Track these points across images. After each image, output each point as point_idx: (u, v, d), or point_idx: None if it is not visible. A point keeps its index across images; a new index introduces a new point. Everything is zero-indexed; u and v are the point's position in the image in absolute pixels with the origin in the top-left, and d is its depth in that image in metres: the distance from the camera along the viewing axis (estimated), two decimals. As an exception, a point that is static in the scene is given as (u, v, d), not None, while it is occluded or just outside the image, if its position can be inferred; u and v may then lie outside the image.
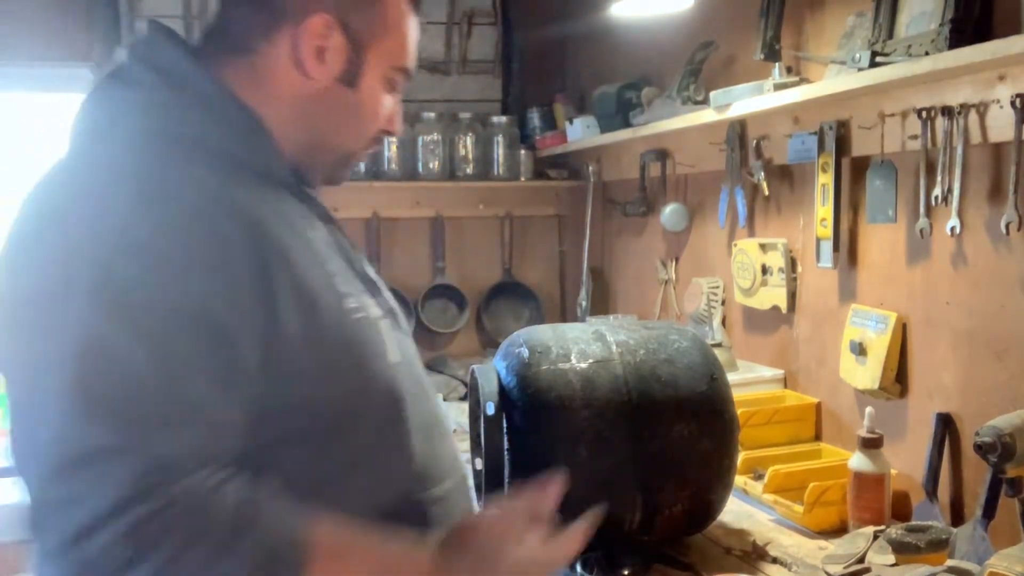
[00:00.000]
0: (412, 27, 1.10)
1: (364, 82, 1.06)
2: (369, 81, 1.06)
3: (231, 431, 0.88)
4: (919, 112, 1.77)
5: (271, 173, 1.02)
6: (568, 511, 1.59)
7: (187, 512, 0.81)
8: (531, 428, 1.61)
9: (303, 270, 0.95)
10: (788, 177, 2.31)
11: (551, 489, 1.01)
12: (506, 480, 1.62)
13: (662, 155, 2.86)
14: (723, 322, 2.60)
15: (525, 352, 1.66)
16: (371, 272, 1.14)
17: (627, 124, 2.86)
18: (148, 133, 0.96)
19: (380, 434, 1.01)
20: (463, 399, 2.77)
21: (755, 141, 2.37)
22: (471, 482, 1.51)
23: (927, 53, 1.66)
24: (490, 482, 1.62)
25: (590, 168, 3.35)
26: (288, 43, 1.02)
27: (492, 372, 1.67)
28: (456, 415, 2.55)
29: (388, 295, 1.15)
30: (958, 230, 1.72)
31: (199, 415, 0.85)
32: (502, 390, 1.65)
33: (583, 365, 1.64)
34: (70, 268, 0.85)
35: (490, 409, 1.60)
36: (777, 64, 2.15)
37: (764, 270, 2.37)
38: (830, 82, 1.94)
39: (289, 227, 0.98)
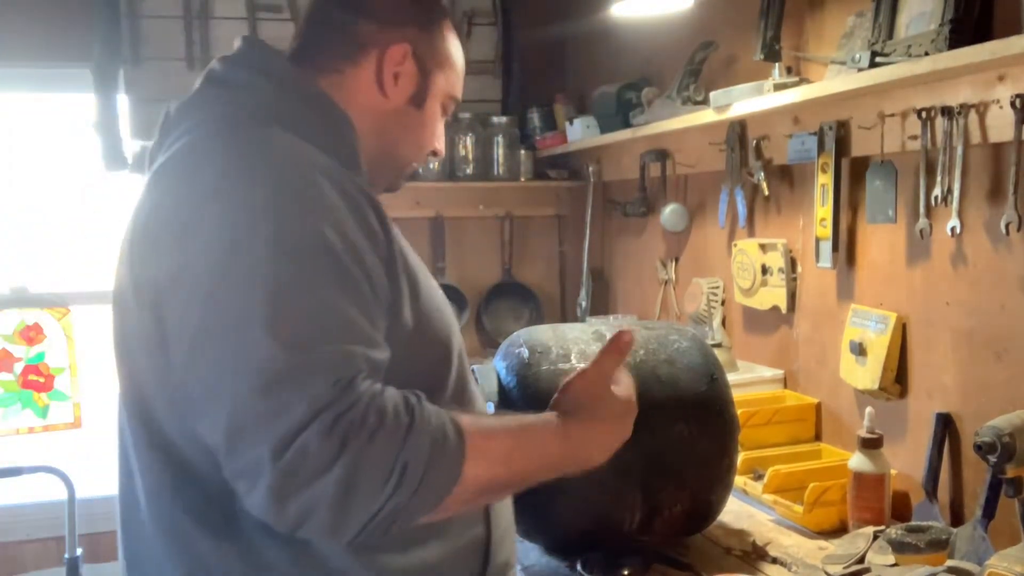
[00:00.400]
0: (461, 60, 1.29)
1: (428, 104, 1.24)
2: (432, 104, 1.25)
3: (384, 351, 1.00)
4: (919, 112, 1.77)
5: (361, 172, 1.15)
6: (567, 512, 1.61)
7: (370, 407, 0.93)
8: None
9: (408, 251, 1.11)
10: (788, 177, 2.31)
11: (623, 339, 1.17)
12: None
13: (662, 155, 2.86)
14: (723, 322, 2.60)
15: (525, 352, 1.66)
16: None
17: (627, 124, 2.86)
18: (259, 122, 1.07)
19: (460, 388, 1.17)
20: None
21: (755, 141, 2.37)
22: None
23: (927, 53, 1.66)
24: None
25: (590, 168, 3.35)
26: (372, 67, 1.20)
27: (492, 372, 1.67)
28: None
29: None
30: (958, 230, 1.72)
31: (367, 340, 0.98)
32: (502, 390, 1.65)
33: (583, 365, 1.64)
34: (245, 228, 0.96)
35: (490, 409, 1.60)
36: (777, 64, 2.15)
37: (764, 270, 2.37)
38: (830, 82, 1.94)
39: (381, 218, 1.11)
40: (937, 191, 1.74)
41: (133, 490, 1.11)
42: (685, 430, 1.63)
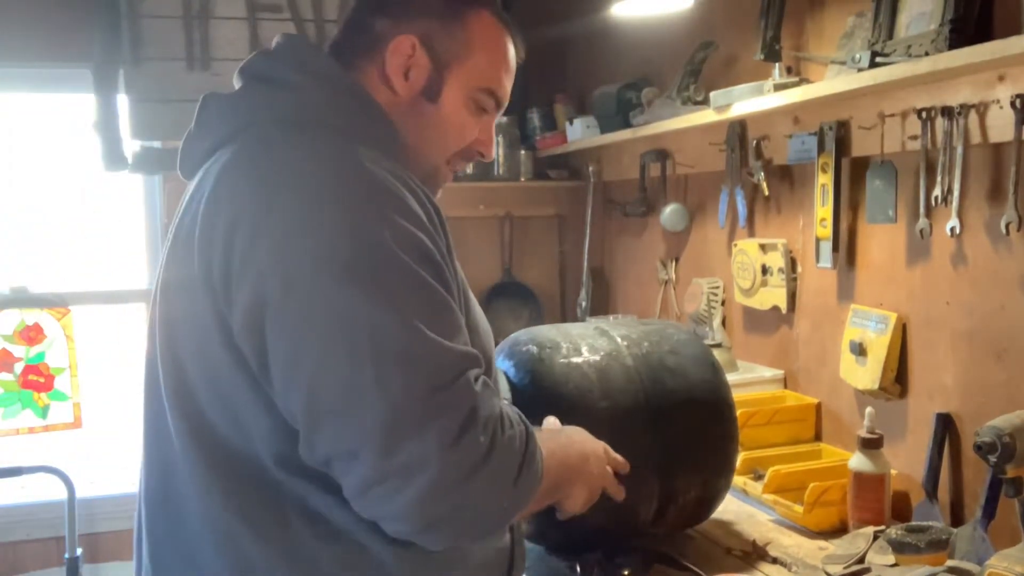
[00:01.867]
0: (502, 53, 1.21)
1: (445, 98, 1.18)
2: (450, 97, 1.18)
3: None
4: (919, 112, 1.77)
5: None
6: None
7: (502, 414, 1.01)
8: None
9: (462, 278, 1.12)
10: (788, 177, 2.31)
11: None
12: None
13: (662, 155, 2.86)
14: (723, 322, 2.60)
15: (534, 348, 1.67)
16: None
17: (627, 124, 2.85)
18: (311, 126, 1.08)
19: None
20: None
21: (755, 141, 2.37)
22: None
23: (927, 53, 1.66)
24: None
25: (590, 168, 3.35)
26: (382, 60, 1.17)
27: (498, 370, 1.67)
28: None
29: None
30: (958, 230, 1.72)
31: (470, 345, 1.04)
32: (512, 388, 1.65)
33: (596, 358, 1.66)
34: (368, 232, 0.97)
35: None
36: (777, 64, 2.15)
37: (764, 270, 2.37)
38: (830, 82, 1.94)
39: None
40: (937, 191, 1.74)
41: (168, 490, 1.09)
42: (697, 417, 1.66)
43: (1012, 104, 1.57)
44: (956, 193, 1.71)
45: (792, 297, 2.30)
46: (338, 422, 0.95)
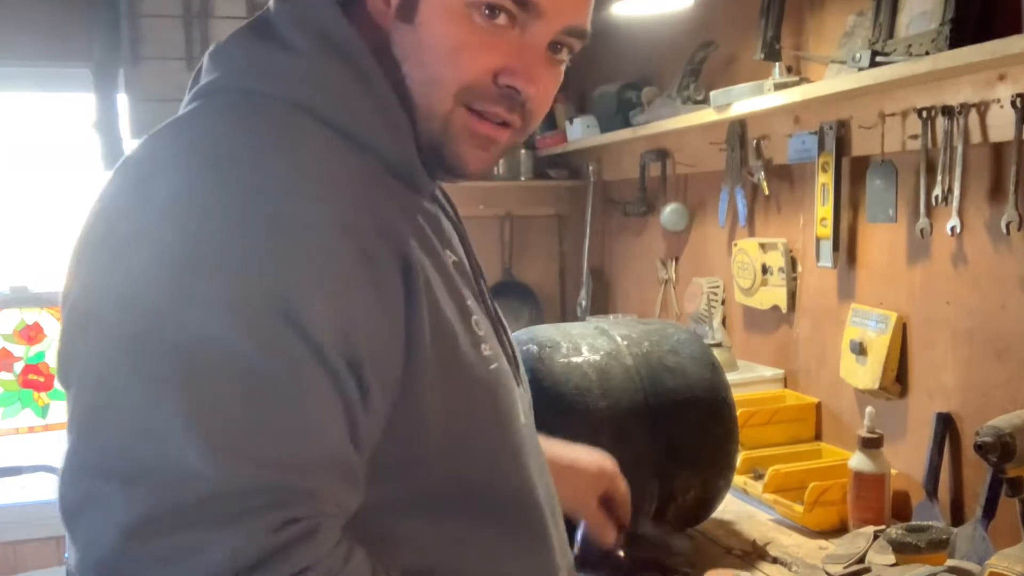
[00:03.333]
0: None
1: (423, 12, 0.81)
2: (429, 9, 0.81)
3: (359, 486, 0.73)
4: (919, 112, 1.77)
5: (415, 179, 0.85)
6: None
7: None
8: (550, 421, 1.60)
9: (444, 306, 0.79)
10: (788, 177, 2.31)
11: None
12: None
13: (662, 155, 2.86)
14: (723, 322, 2.60)
15: (534, 348, 1.67)
16: (494, 304, 0.96)
17: (627, 124, 2.85)
18: (301, 112, 0.78)
19: (509, 511, 0.85)
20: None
21: (755, 141, 2.37)
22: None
23: (927, 53, 1.66)
24: None
25: (590, 168, 3.35)
26: None
27: None
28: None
29: (510, 334, 0.98)
30: (958, 230, 1.72)
31: (334, 463, 0.69)
32: None
33: (596, 357, 1.66)
34: (189, 270, 0.68)
35: None
36: (777, 64, 2.15)
37: (764, 270, 2.37)
38: (830, 82, 1.94)
39: (428, 249, 0.81)
40: (937, 190, 1.74)
41: None
42: (696, 416, 1.66)
43: (1012, 103, 1.57)
44: (956, 192, 1.71)
45: (792, 297, 2.30)
46: (80, 522, 0.66)
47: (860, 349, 1.97)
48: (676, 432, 1.64)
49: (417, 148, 0.84)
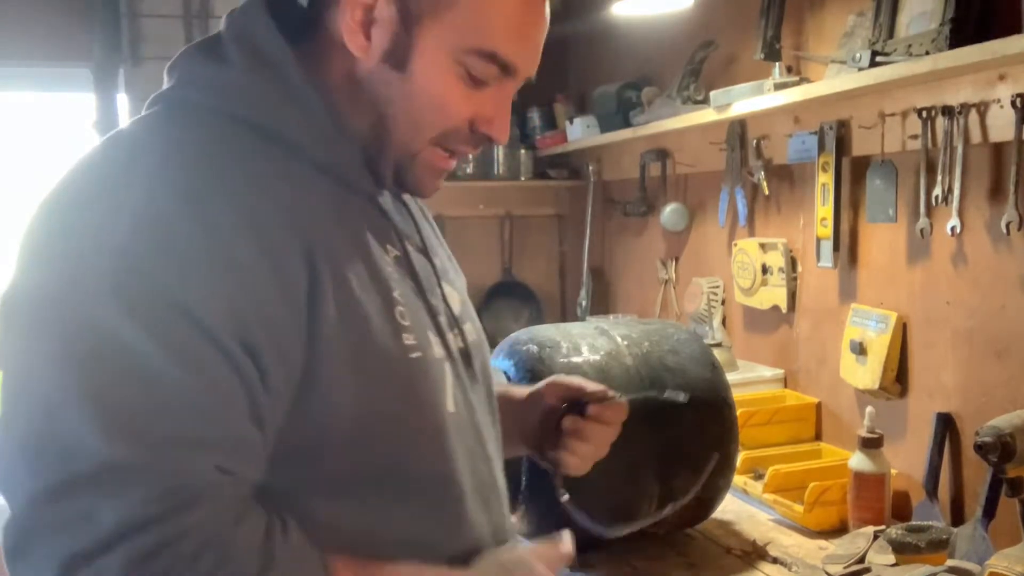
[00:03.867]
0: (509, 5, 0.88)
1: (416, 65, 0.87)
2: (424, 64, 0.87)
3: (257, 458, 0.78)
4: (919, 112, 1.77)
5: (348, 179, 0.90)
6: (591, 502, 1.60)
7: (203, 546, 0.72)
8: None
9: (361, 299, 0.83)
10: (788, 177, 2.31)
11: (566, 548, 0.96)
12: (523, 479, 1.62)
13: (662, 155, 2.86)
14: (723, 322, 2.60)
15: (534, 348, 1.67)
16: (455, 301, 1.01)
17: (627, 124, 2.85)
18: (221, 115, 0.85)
19: (426, 494, 0.89)
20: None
21: (755, 141, 2.37)
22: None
23: (927, 53, 1.66)
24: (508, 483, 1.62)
25: (590, 168, 3.35)
26: (339, 18, 0.88)
27: (498, 370, 1.67)
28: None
29: (472, 328, 1.03)
30: (958, 230, 1.72)
31: (225, 436, 0.75)
32: None
33: (596, 357, 1.66)
34: (89, 261, 0.74)
35: None
36: (777, 64, 2.15)
37: (764, 270, 2.37)
38: (830, 82, 1.94)
39: (354, 243, 0.87)
40: (937, 190, 1.74)
41: None
42: (696, 417, 1.66)
43: (1012, 103, 1.57)
44: (956, 192, 1.71)
45: (792, 296, 2.30)
46: None
47: (860, 349, 1.97)
48: (676, 432, 1.64)
49: (375, 162, 0.91)
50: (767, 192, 2.34)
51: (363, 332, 0.83)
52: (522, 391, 1.19)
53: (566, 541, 0.96)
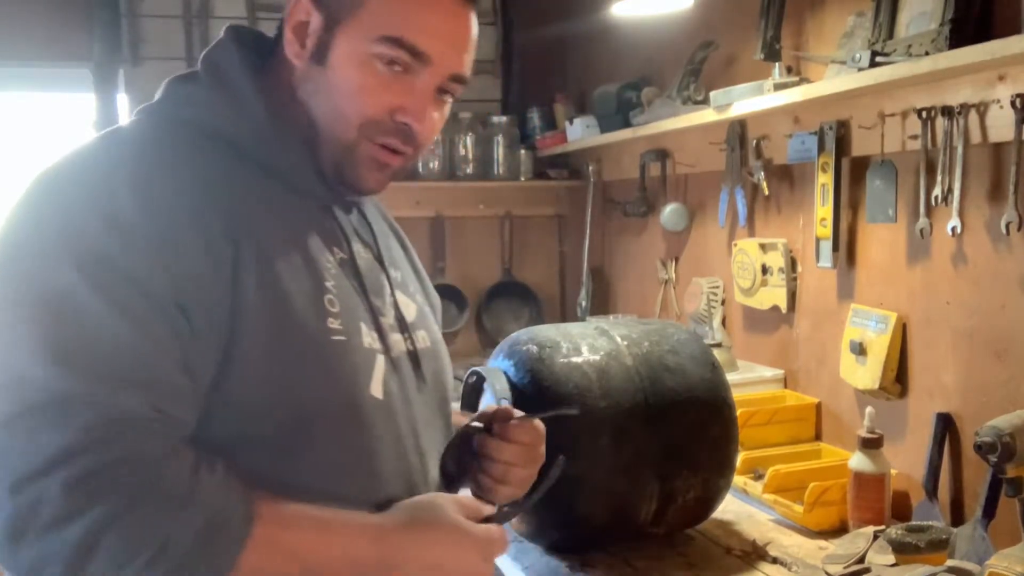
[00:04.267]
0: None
1: (333, 58, 1.00)
2: (339, 57, 1.00)
3: (189, 405, 0.89)
4: (919, 112, 1.77)
5: (297, 184, 1.03)
6: (585, 504, 1.61)
7: (136, 470, 0.82)
8: (551, 421, 1.61)
9: (286, 281, 0.95)
10: (788, 177, 2.31)
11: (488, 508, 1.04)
12: None
13: (662, 155, 2.86)
14: (723, 322, 2.60)
15: (534, 348, 1.67)
16: (410, 310, 1.13)
17: (627, 124, 2.85)
18: (187, 125, 1.00)
19: (343, 460, 0.99)
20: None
21: (755, 141, 2.37)
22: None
23: (927, 53, 1.66)
24: None
25: (590, 168, 3.35)
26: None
27: (499, 373, 1.67)
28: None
29: (427, 336, 1.14)
30: (958, 230, 1.72)
31: (160, 380, 0.87)
32: (513, 388, 1.64)
33: (596, 357, 1.66)
34: (51, 224, 0.89)
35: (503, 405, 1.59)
36: (777, 64, 2.15)
37: (764, 270, 2.37)
38: (830, 82, 1.94)
39: (291, 236, 0.99)
40: (937, 191, 1.74)
41: None
42: (696, 417, 1.66)
43: (1012, 104, 1.57)
44: (956, 193, 1.71)
45: (792, 297, 2.30)
46: None
47: (860, 349, 1.97)
48: (676, 432, 1.64)
49: (320, 163, 1.03)
50: (767, 192, 2.34)
51: (283, 308, 0.94)
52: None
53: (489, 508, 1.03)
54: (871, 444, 1.77)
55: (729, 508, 1.88)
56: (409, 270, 1.21)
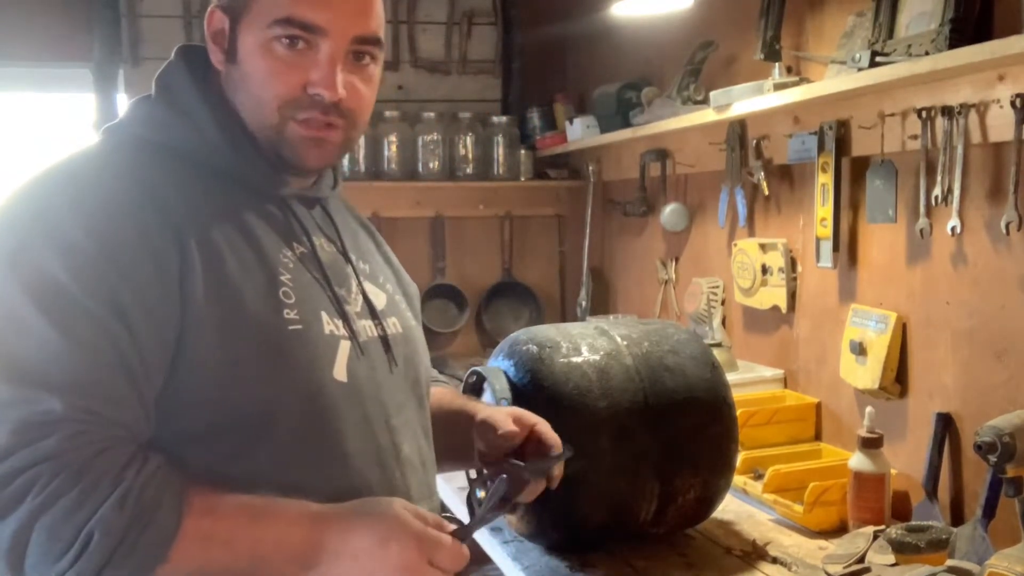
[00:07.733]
0: None
1: (241, 52, 1.08)
2: (245, 49, 1.07)
3: (129, 407, 0.94)
4: (919, 112, 1.77)
5: (251, 184, 1.10)
6: (585, 504, 1.61)
7: (53, 472, 0.87)
8: (549, 421, 1.60)
9: (237, 278, 1.00)
10: (788, 177, 2.31)
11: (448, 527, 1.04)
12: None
13: (662, 155, 2.86)
14: (723, 322, 2.60)
15: (534, 348, 1.67)
16: (380, 299, 1.18)
17: (627, 124, 2.86)
18: (141, 139, 1.08)
19: (309, 443, 1.03)
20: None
21: (755, 141, 2.37)
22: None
23: (927, 53, 1.66)
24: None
25: (590, 168, 3.35)
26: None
27: (499, 373, 1.67)
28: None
29: (398, 323, 1.19)
30: (958, 230, 1.72)
31: (94, 384, 0.92)
32: (513, 388, 1.64)
33: (595, 357, 1.66)
34: (2, 247, 0.95)
35: (506, 405, 1.60)
36: (777, 64, 2.15)
37: (764, 270, 2.37)
38: (830, 82, 1.94)
39: (242, 234, 1.04)
40: (937, 191, 1.74)
41: None
42: (696, 417, 1.66)
43: (1012, 104, 1.57)
44: (956, 193, 1.71)
45: (792, 297, 2.30)
46: None
47: (860, 349, 1.97)
48: (676, 432, 1.64)
49: (263, 157, 1.09)
50: (767, 192, 2.34)
51: (234, 304, 0.99)
52: (480, 412, 1.30)
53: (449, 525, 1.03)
54: (871, 444, 1.77)
55: (729, 508, 1.88)
56: (380, 262, 1.28)
